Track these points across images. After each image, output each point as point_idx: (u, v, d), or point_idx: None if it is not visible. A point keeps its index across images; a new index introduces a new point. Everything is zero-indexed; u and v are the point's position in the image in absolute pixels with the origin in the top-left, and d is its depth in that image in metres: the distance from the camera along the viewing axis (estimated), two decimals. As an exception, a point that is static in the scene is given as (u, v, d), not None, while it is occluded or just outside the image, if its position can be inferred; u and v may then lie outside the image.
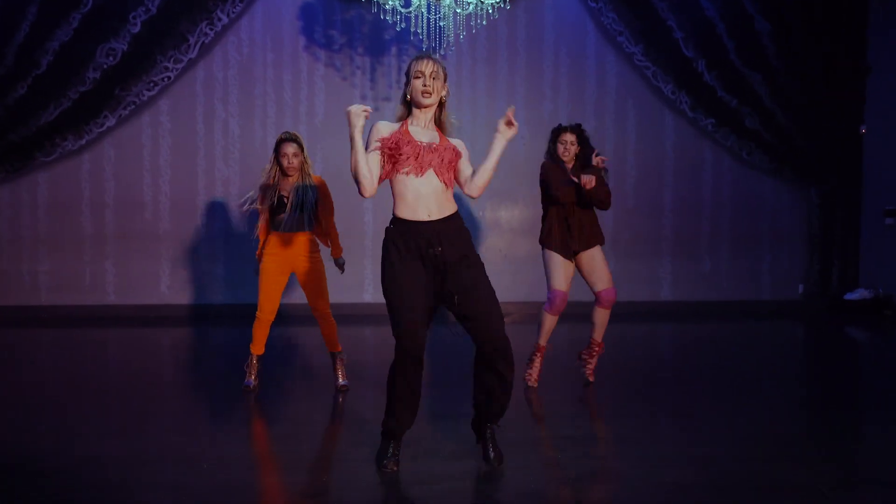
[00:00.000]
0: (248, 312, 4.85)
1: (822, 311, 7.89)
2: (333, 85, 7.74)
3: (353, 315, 7.11)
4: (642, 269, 8.00)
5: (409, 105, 2.98)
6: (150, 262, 7.66)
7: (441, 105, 3.01)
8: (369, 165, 2.87)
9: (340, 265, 4.51)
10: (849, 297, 7.87)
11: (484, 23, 5.53)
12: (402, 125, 2.94)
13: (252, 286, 7.65)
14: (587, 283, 4.47)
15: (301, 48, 7.70)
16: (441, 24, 5.35)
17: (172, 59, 7.41)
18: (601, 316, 4.42)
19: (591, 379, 4.47)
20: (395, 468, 2.90)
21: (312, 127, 7.73)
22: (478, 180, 3.00)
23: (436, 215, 2.85)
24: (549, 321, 4.37)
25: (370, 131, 2.93)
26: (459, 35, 5.53)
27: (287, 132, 4.37)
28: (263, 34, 7.67)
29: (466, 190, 3.02)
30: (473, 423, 3.07)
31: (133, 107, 7.43)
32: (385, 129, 2.93)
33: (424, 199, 2.84)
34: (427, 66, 2.89)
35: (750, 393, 4.28)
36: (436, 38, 5.50)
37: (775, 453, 3.09)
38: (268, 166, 4.36)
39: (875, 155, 7.99)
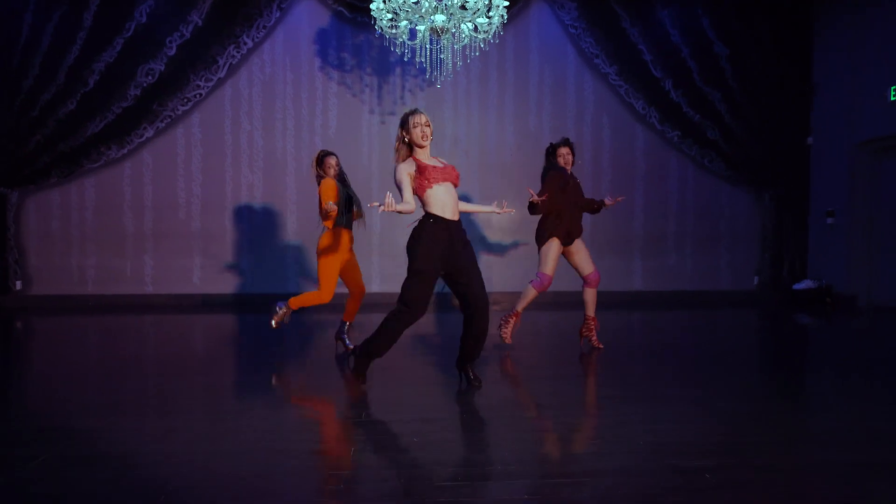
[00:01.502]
0: (269, 301, 5.39)
1: (774, 300, 8.81)
2: (345, 101, 8.70)
3: (363, 304, 8.01)
4: (616, 264, 8.95)
5: (410, 146, 3.93)
6: (184, 256, 8.55)
7: None
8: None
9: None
10: (797, 287, 8.77)
11: (477, 53, 6.53)
12: (413, 160, 3.92)
13: (272, 277, 8.60)
14: (576, 269, 5.41)
15: (316, 68, 8.63)
16: (441, 56, 6.37)
17: (203, 78, 8.32)
18: (590, 294, 5.38)
19: (600, 346, 5.34)
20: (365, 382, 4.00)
21: (326, 138, 8.69)
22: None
23: (456, 216, 3.95)
24: (533, 295, 5.32)
25: (399, 171, 3.90)
26: (457, 64, 6.53)
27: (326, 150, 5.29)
28: (284, 56, 8.59)
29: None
30: (458, 362, 4.16)
31: (169, 120, 8.33)
32: (409, 167, 3.91)
33: (450, 205, 3.91)
34: (422, 118, 3.90)
35: (712, 367, 4.73)
36: (437, 66, 6.52)
37: (734, 417, 3.45)
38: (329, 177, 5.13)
39: (820, 163, 8.95)
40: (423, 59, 6.48)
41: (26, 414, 3.60)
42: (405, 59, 6.79)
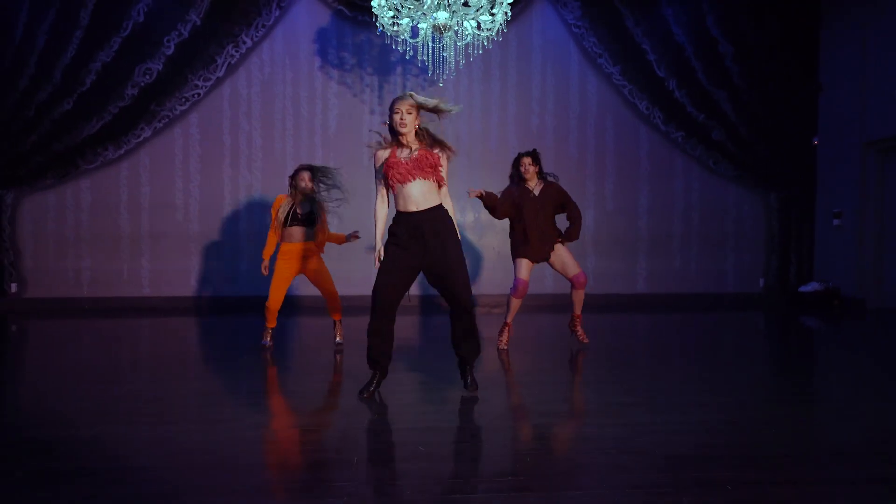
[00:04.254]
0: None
1: (781, 303, 8.67)
2: (345, 101, 8.57)
3: (363, 306, 7.89)
4: (620, 266, 8.82)
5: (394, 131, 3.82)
6: (182, 258, 8.42)
7: (419, 130, 3.84)
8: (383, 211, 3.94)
9: (352, 236, 5.62)
10: (803, 289, 8.63)
11: (480, 52, 6.40)
12: (392, 151, 3.81)
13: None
14: (561, 273, 5.49)
15: (316, 68, 8.50)
16: (444, 54, 6.25)
17: (202, 78, 8.20)
18: (577, 296, 5.50)
19: (585, 341, 5.50)
20: (368, 396, 3.82)
21: (326, 138, 8.56)
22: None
23: (422, 206, 3.80)
24: (515, 303, 5.37)
25: (374, 158, 3.90)
26: (459, 62, 6.41)
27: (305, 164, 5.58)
28: (283, 55, 8.46)
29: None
30: (459, 364, 4.05)
31: (167, 120, 8.21)
32: (382, 155, 3.85)
33: (413, 197, 3.79)
34: (402, 105, 3.73)
35: (716, 371, 4.65)
36: (440, 65, 6.39)
37: (738, 423, 3.35)
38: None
39: (826, 163, 8.82)
40: (424, 58, 6.36)
41: (7, 424, 3.44)
42: (406, 58, 6.66)
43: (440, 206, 3.84)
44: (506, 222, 8.68)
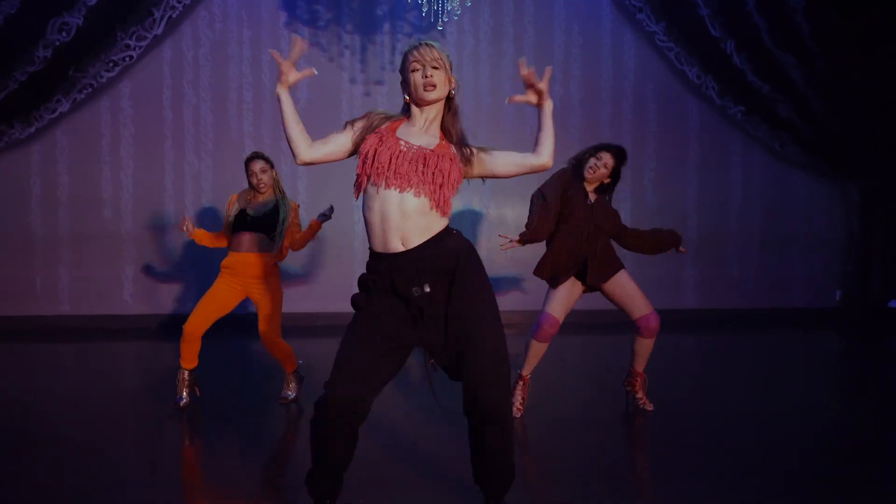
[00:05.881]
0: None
1: (862, 320, 7.39)
2: (319, 66, 6.81)
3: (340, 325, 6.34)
4: (664, 274, 7.39)
5: (409, 108, 2.41)
6: (111, 266, 6.93)
7: (450, 101, 2.41)
8: (302, 129, 2.38)
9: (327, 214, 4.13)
10: (893, 304, 7.39)
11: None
12: (394, 124, 2.40)
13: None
14: (621, 310, 3.99)
15: (282, 25, 6.98)
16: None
17: (135, 36, 6.69)
18: (642, 346, 3.96)
19: (649, 408, 4.04)
20: None
21: (295, 114, 6.95)
22: (545, 149, 2.40)
23: (415, 241, 2.26)
24: (536, 348, 3.86)
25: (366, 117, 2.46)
26: (466, 1, 4.69)
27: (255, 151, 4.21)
28: (239, 8, 6.95)
29: (536, 164, 2.42)
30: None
31: (90, 90, 6.70)
32: (376, 119, 2.42)
33: (396, 221, 2.25)
34: (426, 54, 2.29)
35: (778, 407, 4.10)
36: (438, 1, 4.69)
37: (802, 472, 3.04)
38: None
39: (921, 146, 7.34)
40: (418, -7, 4.63)
41: None
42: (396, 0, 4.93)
43: (447, 232, 2.33)
44: (518, 217, 7.31)
